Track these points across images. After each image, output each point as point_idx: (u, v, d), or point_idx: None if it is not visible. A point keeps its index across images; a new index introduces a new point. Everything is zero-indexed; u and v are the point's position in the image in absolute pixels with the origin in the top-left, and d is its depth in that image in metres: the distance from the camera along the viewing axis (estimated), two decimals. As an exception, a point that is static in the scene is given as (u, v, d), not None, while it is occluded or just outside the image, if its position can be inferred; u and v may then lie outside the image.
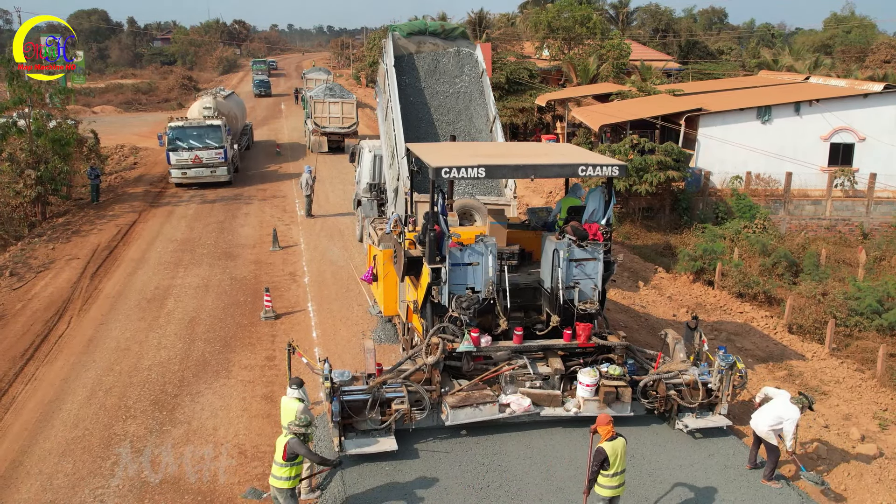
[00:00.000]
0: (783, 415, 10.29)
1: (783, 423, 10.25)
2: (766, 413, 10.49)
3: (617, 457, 8.90)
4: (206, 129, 29.83)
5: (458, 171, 11.13)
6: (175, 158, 29.55)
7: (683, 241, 23.68)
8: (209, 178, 30.00)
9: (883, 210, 27.34)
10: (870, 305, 17.59)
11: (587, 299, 11.90)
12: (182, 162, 29.61)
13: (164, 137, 29.76)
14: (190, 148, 29.52)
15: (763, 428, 10.45)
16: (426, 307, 12.03)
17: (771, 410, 10.44)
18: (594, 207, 12.36)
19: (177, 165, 29.69)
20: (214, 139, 29.76)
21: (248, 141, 39.48)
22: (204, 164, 29.76)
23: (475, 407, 11.23)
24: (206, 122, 29.98)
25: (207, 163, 29.79)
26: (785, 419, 10.25)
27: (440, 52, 18.09)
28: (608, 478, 8.96)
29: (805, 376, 14.67)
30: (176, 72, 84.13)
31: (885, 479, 11.10)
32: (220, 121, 30.23)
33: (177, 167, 29.74)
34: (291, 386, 10.26)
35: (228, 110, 33.59)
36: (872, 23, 75.00)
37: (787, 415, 10.26)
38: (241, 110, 38.38)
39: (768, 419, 10.39)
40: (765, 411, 10.52)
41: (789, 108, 27.74)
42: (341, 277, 19.66)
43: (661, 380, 11.72)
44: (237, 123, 35.41)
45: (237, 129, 35.35)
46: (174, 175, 29.87)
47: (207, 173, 29.86)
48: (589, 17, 47.92)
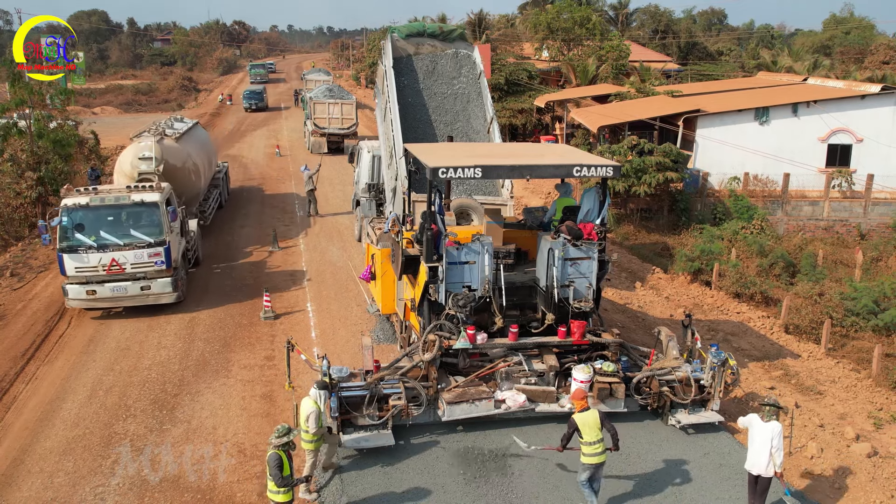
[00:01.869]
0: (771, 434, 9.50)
1: (774, 441, 9.47)
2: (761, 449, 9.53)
3: (587, 426, 9.40)
4: (133, 209, 16.91)
5: (454, 172, 11.26)
6: (73, 265, 16.35)
7: (681, 242, 23.77)
8: (137, 300, 16.95)
9: (880, 211, 27.42)
10: (866, 306, 17.67)
11: (582, 298, 12.05)
12: (86, 271, 16.45)
13: (48, 225, 17.08)
14: (101, 246, 16.45)
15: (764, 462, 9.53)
16: (423, 305, 12.16)
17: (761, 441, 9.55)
18: (589, 207, 12.50)
19: (77, 278, 16.47)
20: (148, 227, 16.85)
21: (220, 197, 26.80)
22: (128, 273, 16.62)
23: (471, 403, 11.39)
24: (133, 196, 16.97)
25: (134, 272, 16.66)
26: (774, 436, 9.48)
27: (438, 53, 18.21)
28: (586, 446, 9.45)
29: (801, 376, 14.75)
30: (176, 73, 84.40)
31: (879, 478, 11.18)
32: (158, 194, 17.13)
33: (77, 281, 16.49)
34: (314, 385, 10.49)
35: (183, 160, 20.74)
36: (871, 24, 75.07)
37: (774, 432, 9.51)
38: (205, 155, 24.53)
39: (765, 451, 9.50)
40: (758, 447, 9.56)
41: (787, 109, 27.83)
42: (340, 277, 19.76)
43: (655, 376, 11.88)
44: (198, 179, 22.22)
45: (198, 189, 22.40)
46: (72, 295, 16.52)
47: (134, 291, 16.75)
48: (588, 18, 48.03)
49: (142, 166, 18.87)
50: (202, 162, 23.48)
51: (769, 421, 9.56)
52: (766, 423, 9.58)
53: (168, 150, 19.59)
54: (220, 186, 27.07)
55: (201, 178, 22.90)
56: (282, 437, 8.82)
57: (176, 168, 19.89)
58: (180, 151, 20.79)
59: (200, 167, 22.84)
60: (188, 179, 21.12)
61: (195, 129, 25.41)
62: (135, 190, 17.36)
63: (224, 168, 29.00)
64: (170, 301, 17.19)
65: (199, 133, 26.18)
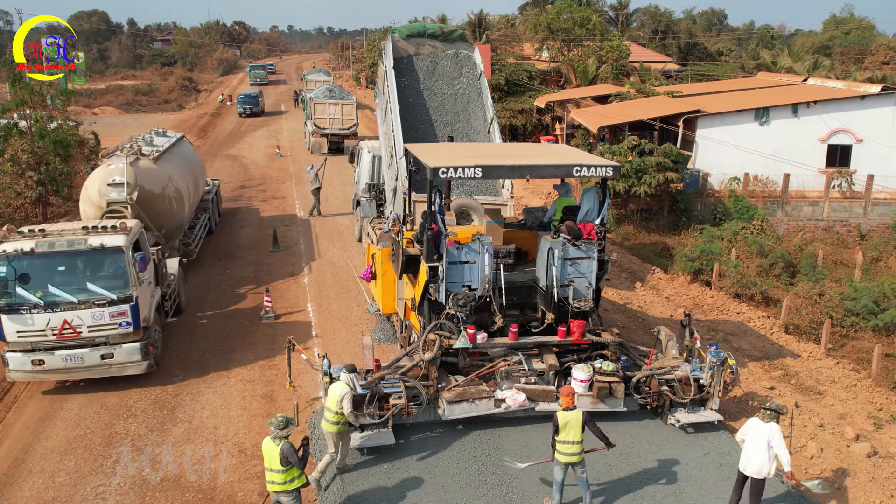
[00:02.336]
0: (768, 436, 9.47)
1: (773, 441, 9.44)
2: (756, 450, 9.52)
3: (568, 425, 9.38)
4: (91, 256, 13.20)
5: (454, 172, 11.30)
6: (14, 328, 12.84)
7: (681, 242, 23.79)
8: (97, 372, 13.28)
9: (880, 211, 27.45)
10: (866, 306, 17.69)
11: (581, 297, 12.09)
12: (31, 336, 12.91)
13: None
14: (50, 304, 12.87)
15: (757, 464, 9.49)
16: (423, 304, 12.20)
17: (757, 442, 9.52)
18: (588, 207, 12.55)
19: (19, 345, 12.96)
20: (110, 279, 13.23)
21: (209, 222, 23.28)
22: (84, 338, 13.02)
23: (471, 402, 11.43)
24: (91, 240, 13.12)
25: (92, 336, 13.05)
26: (772, 437, 9.45)
27: (439, 54, 18.23)
28: (560, 444, 9.47)
29: (801, 376, 14.76)
30: (176, 73, 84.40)
31: (879, 478, 11.19)
32: (123, 237, 13.35)
33: (20, 348, 12.98)
34: (343, 370, 10.60)
35: (163, 185, 17.54)
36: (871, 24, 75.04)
37: (772, 432, 9.47)
38: (190, 175, 20.89)
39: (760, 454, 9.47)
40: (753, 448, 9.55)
41: (787, 109, 27.85)
42: (341, 278, 19.78)
43: (654, 376, 11.93)
44: (181, 206, 18.66)
45: (181, 218, 18.85)
46: (14, 365, 12.99)
47: (92, 360, 13.10)
48: (588, 18, 48.07)
49: (111, 194, 15.94)
50: (187, 184, 19.79)
51: (769, 422, 9.53)
52: (765, 423, 9.55)
53: (144, 174, 16.66)
54: (210, 209, 23.47)
55: (185, 204, 19.14)
56: (287, 428, 8.93)
57: (153, 195, 16.93)
58: (159, 174, 17.62)
59: (185, 191, 19.20)
60: (169, 208, 17.79)
61: (179, 145, 21.85)
62: (93, 232, 13.36)
63: (214, 186, 25.46)
64: (139, 372, 13.39)
65: (185, 149, 22.50)
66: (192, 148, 24.78)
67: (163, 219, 17.61)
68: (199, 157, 24.88)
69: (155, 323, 14.36)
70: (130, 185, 16.08)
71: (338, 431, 10.35)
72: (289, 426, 8.92)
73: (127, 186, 16.03)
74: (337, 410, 10.22)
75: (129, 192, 16.03)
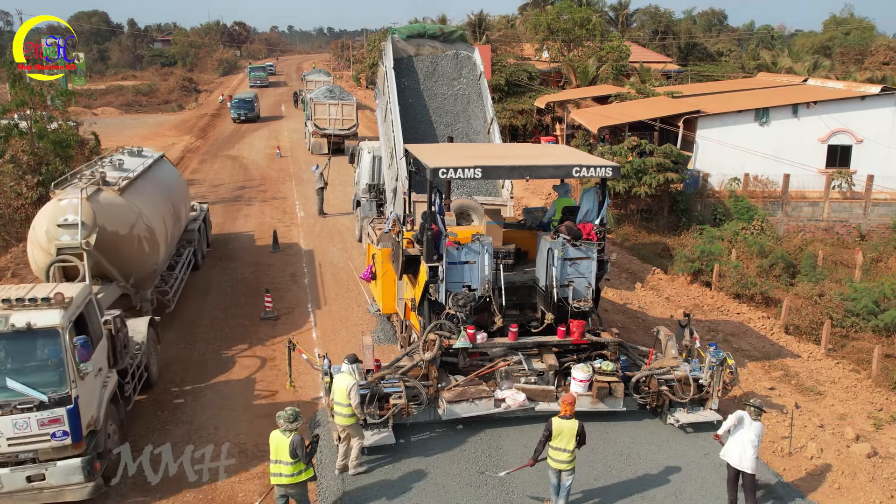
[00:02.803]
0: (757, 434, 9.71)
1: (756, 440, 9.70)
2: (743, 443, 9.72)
3: (561, 433, 9.33)
4: (13, 342, 9.58)
5: (454, 172, 11.33)
6: None
7: (681, 243, 23.80)
8: (21, 499, 9.55)
9: (880, 212, 27.47)
10: (866, 306, 17.70)
11: (581, 297, 12.12)
12: None
13: None
14: None
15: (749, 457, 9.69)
16: (423, 305, 12.22)
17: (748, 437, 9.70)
18: (588, 208, 12.57)
19: None
20: (40, 373, 9.60)
21: (195, 256, 19.55)
22: (3, 454, 9.41)
23: (471, 402, 11.46)
24: (13, 319, 9.43)
25: (15, 451, 9.41)
26: (757, 435, 9.72)
27: (439, 54, 18.24)
28: (552, 450, 9.45)
29: (801, 377, 14.77)
30: (176, 73, 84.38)
31: (879, 478, 11.19)
32: (59, 313, 9.58)
33: None
34: (345, 360, 10.66)
35: (131, 223, 14.22)
36: (871, 24, 75.11)
37: (760, 432, 9.76)
38: (169, 205, 17.25)
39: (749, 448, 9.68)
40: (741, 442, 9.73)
41: (787, 110, 27.88)
42: (341, 278, 19.79)
43: (653, 375, 11.96)
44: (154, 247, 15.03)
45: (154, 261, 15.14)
46: None
47: (15, 483, 9.46)
48: (588, 18, 48.10)
49: (62, 237, 12.79)
50: (164, 218, 16.27)
51: (755, 419, 9.76)
52: (753, 420, 9.76)
53: (106, 210, 13.41)
54: (196, 241, 19.72)
55: (161, 244, 15.44)
56: (296, 421, 9.06)
57: (118, 237, 13.58)
58: (127, 210, 14.14)
59: (161, 227, 15.67)
60: (138, 251, 14.27)
61: (157, 168, 18.03)
62: (18, 306, 9.60)
63: (202, 213, 21.60)
64: (81, 497, 9.77)
65: (164, 172, 18.62)
66: (175, 170, 20.62)
67: (131, 265, 14.14)
68: (183, 181, 21.05)
69: (107, 424, 10.49)
70: (87, 225, 12.73)
71: (354, 423, 10.48)
72: (298, 419, 9.08)
73: (82, 228, 12.67)
74: (347, 402, 10.30)
75: (84, 236, 12.67)
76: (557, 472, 9.54)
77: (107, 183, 14.50)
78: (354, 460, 10.63)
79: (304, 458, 9.05)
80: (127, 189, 14.80)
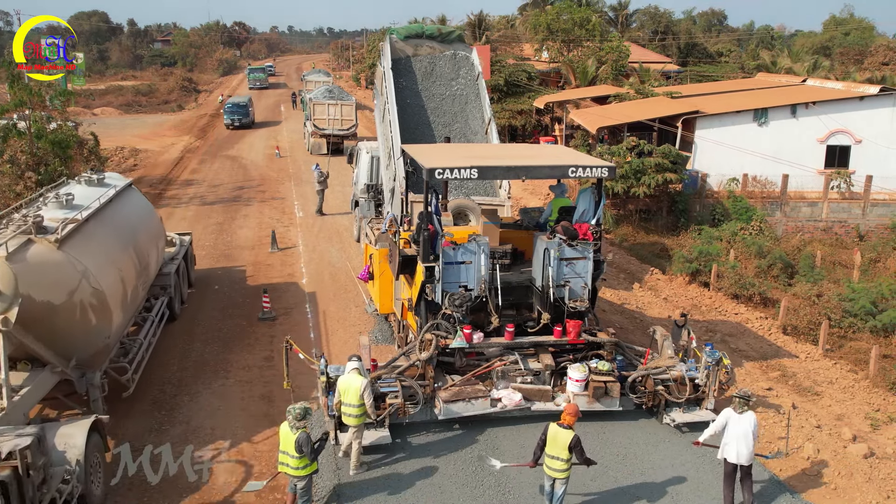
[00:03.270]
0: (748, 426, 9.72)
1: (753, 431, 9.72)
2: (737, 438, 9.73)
3: (555, 442, 9.24)
4: None
5: (450, 172, 11.34)
6: None
7: (680, 243, 23.79)
8: None
9: (879, 212, 27.47)
10: (863, 307, 17.69)
11: (577, 297, 12.12)
12: None
13: None
14: None
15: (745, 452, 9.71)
16: (420, 305, 12.25)
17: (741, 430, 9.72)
18: (584, 208, 12.58)
19: None
20: None
21: (168, 306, 16.03)
22: None
23: (467, 401, 11.47)
24: None
25: None
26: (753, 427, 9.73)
27: (437, 55, 18.24)
28: (547, 457, 9.37)
29: (798, 377, 14.77)
30: (176, 73, 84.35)
31: (875, 479, 11.20)
32: None
33: None
34: (351, 359, 10.75)
35: (70, 289, 10.66)
36: (871, 25, 75.21)
37: (753, 422, 9.75)
38: (130, 253, 13.34)
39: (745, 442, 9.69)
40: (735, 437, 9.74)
41: (785, 110, 27.89)
42: (339, 279, 19.80)
43: (650, 375, 11.97)
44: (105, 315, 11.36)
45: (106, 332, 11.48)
46: None
47: None
48: (588, 19, 48.11)
49: None
50: (123, 272, 12.47)
51: (742, 412, 9.76)
52: (740, 414, 9.77)
53: (35, 273, 10.14)
54: (172, 287, 16.09)
55: (115, 309, 11.65)
56: (304, 420, 9.21)
57: (51, 308, 10.37)
58: (65, 270, 10.63)
59: (116, 287, 11.93)
60: (82, 323, 10.92)
61: (119, 203, 14.06)
62: None
63: (183, 248, 17.78)
64: None
65: (128, 207, 14.61)
66: (145, 203, 16.25)
67: (71, 343, 10.93)
68: (156, 216, 16.49)
69: None
70: (4, 296, 9.65)
71: (361, 424, 10.56)
72: (306, 417, 9.24)
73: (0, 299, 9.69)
74: (359, 403, 10.37)
75: (2, 310, 9.67)
76: (552, 480, 9.45)
77: (42, 230, 10.77)
78: (356, 461, 10.63)
79: (310, 456, 9.25)
80: (69, 239, 10.98)
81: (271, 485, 10.43)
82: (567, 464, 9.27)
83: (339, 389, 10.53)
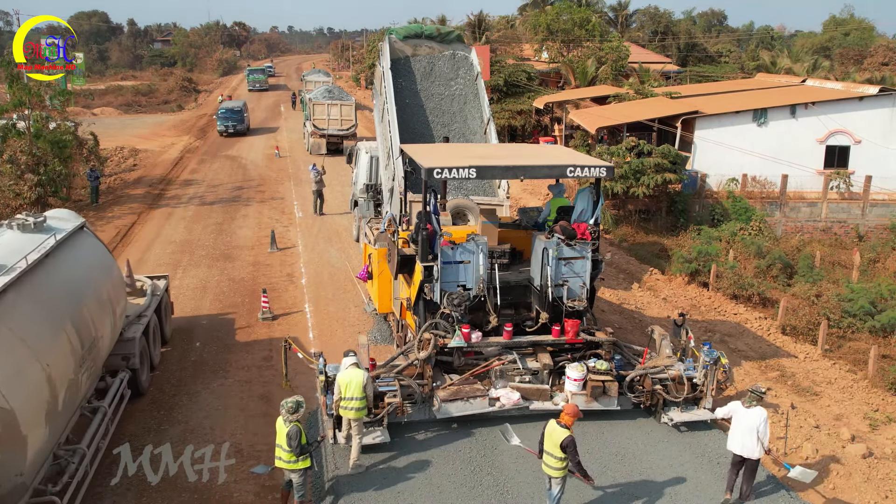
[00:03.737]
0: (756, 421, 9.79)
1: (760, 427, 9.77)
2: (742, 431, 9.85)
3: (550, 438, 9.24)
4: None
5: (449, 172, 11.36)
6: None
7: (679, 243, 23.78)
8: None
9: (878, 212, 27.46)
10: (863, 307, 17.67)
11: (575, 297, 12.15)
12: None
13: None
14: None
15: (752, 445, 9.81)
16: (419, 304, 12.26)
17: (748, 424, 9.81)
18: (582, 207, 12.60)
19: None
20: None
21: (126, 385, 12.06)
22: None
23: (466, 401, 11.49)
24: None
25: None
26: (761, 422, 9.79)
27: (436, 55, 18.25)
28: (545, 454, 9.36)
29: (797, 377, 14.77)
30: (176, 73, 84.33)
31: (874, 479, 11.21)
32: None
33: None
34: (347, 354, 10.82)
35: None
36: (871, 25, 75.22)
37: (761, 418, 9.81)
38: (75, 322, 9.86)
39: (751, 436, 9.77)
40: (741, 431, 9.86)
41: (785, 110, 27.88)
42: (338, 279, 19.80)
43: (648, 374, 12.00)
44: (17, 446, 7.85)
45: (13, 474, 7.85)
46: None
47: None
48: (588, 19, 48.12)
49: None
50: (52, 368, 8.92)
51: (751, 407, 9.85)
52: (748, 409, 9.86)
53: None
54: (137, 356, 12.59)
55: (33, 430, 8.34)
56: (296, 413, 9.33)
57: None
58: None
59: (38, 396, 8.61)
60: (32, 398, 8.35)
61: (58, 259, 10.52)
62: None
63: (155, 298, 14.40)
64: None
65: (73, 262, 11.11)
66: (101, 249, 12.68)
67: None
68: (116, 269, 13.09)
69: None
70: None
71: (362, 418, 10.63)
72: (299, 410, 9.36)
73: None
74: (361, 396, 10.43)
75: None
76: (548, 477, 9.44)
77: None
78: (356, 459, 10.63)
79: (296, 451, 9.29)
80: None
81: (271, 484, 10.43)
82: (561, 463, 9.17)
83: (340, 385, 10.51)
